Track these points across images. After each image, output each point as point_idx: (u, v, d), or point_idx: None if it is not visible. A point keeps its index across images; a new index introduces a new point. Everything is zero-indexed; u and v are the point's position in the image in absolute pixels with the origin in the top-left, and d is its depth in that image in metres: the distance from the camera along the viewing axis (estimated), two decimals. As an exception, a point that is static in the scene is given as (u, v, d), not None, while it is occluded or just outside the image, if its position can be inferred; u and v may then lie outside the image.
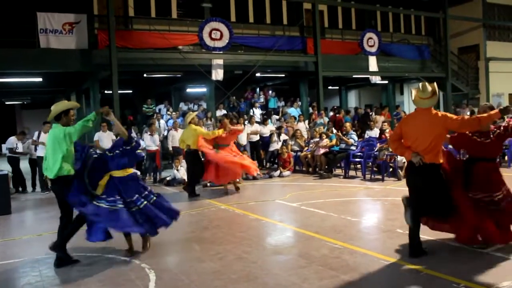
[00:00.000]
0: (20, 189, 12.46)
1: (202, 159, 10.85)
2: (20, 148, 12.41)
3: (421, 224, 5.42)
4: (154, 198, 6.20)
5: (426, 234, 5.77)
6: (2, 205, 9.44)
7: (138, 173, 6.67)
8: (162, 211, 6.14)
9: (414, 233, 5.32)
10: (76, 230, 5.79)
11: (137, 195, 5.99)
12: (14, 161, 12.43)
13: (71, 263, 5.70)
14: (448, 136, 5.61)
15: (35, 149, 12.27)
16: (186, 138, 10.48)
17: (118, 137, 6.25)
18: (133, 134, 12.15)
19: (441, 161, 5.21)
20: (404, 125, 5.42)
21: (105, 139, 12.69)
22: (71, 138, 5.62)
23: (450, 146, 6.13)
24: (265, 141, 15.17)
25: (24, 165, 12.69)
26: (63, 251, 5.71)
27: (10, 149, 12.35)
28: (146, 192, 6.16)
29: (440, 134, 5.12)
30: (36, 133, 12.38)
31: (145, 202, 6.00)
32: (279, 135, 14.80)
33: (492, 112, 5.08)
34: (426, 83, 5.23)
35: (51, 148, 5.64)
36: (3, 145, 12.78)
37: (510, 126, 5.36)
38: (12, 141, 12.42)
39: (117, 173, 5.97)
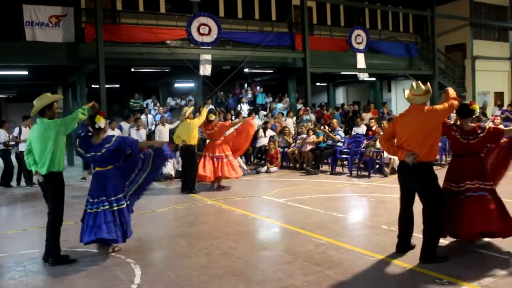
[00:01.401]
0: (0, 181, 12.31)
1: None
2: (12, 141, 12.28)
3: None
4: (119, 206, 5.82)
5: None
6: (-14, 200, 9.34)
7: None
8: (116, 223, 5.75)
9: (404, 232, 5.32)
10: (59, 230, 5.67)
11: (106, 197, 5.76)
12: (7, 154, 12.25)
13: (69, 263, 5.60)
14: None
15: (17, 145, 12.11)
16: (182, 133, 10.34)
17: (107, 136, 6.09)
18: (115, 132, 12.07)
19: (434, 159, 5.18)
20: (397, 124, 5.37)
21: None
22: (67, 129, 5.52)
23: None
24: None
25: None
26: (59, 256, 5.62)
27: (4, 143, 12.18)
28: (119, 196, 5.84)
29: (435, 130, 5.08)
30: (17, 129, 12.17)
31: (106, 207, 5.72)
32: (265, 130, 14.80)
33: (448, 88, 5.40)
34: (420, 82, 5.26)
35: (39, 143, 5.49)
36: None
37: (493, 133, 5.44)
38: (3, 134, 12.24)
39: (98, 168, 5.92)
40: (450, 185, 5.45)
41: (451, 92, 5.29)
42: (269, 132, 14.85)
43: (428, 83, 5.37)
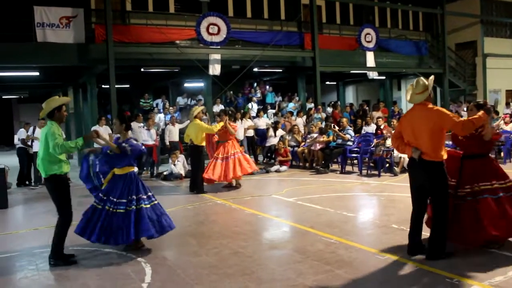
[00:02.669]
0: (17, 182, 12.40)
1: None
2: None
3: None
4: (149, 205, 5.98)
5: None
6: (-1, 199, 9.42)
7: (136, 171, 6.60)
8: (152, 221, 5.92)
9: (415, 231, 5.28)
10: (63, 231, 5.70)
11: (132, 196, 5.86)
12: (23, 153, 12.35)
13: (69, 264, 5.64)
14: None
15: (31, 144, 12.22)
16: (190, 132, 10.34)
17: (116, 137, 6.25)
18: (130, 134, 12.13)
19: (444, 158, 5.12)
20: (403, 122, 5.39)
21: (102, 133, 12.68)
22: (54, 150, 5.51)
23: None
24: (259, 134, 15.19)
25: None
26: (62, 256, 5.66)
27: (23, 140, 12.29)
28: (144, 196, 5.97)
29: (438, 130, 5.03)
30: (31, 129, 12.31)
31: (134, 207, 5.83)
32: (275, 130, 14.79)
33: (480, 113, 5.18)
34: (421, 78, 5.23)
35: (43, 146, 5.59)
36: (15, 136, 12.74)
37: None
38: (23, 133, 12.35)
39: (118, 171, 5.98)
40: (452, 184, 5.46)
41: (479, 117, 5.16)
42: (280, 132, 14.83)
43: (431, 77, 5.29)
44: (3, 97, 26.09)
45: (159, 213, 6.01)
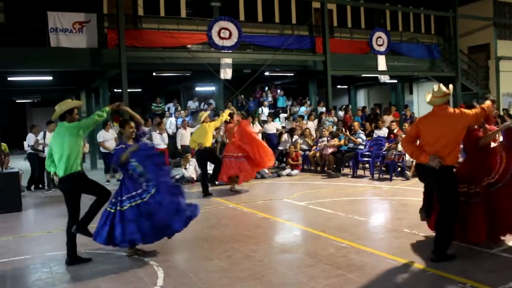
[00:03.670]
0: (26, 185, 12.51)
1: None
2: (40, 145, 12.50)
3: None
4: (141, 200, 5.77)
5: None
6: (13, 203, 9.53)
7: None
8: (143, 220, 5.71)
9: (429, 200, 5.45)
10: (98, 209, 5.82)
11: (127, 195, 5.76)
12: (34, 158, 12.45)
13: (83, 262, 5.75)
14: None
15: (42, 149, 12.31)
16: (197, 137, 10.41)
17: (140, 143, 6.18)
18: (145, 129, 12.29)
19: (456, 162, 5.15)
20: (421, 125, 5.29)
21: (109, 138, 12.80)
22: (84, 132, 5.72)
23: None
24: (269, 138, 15.17)
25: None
26: (86, 229, 5.74)
27: (32, 146, 12.41)
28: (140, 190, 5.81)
29: (459, 132, 5.07)
30: (42, 133, 12.40)
31: (128, 205, 5.70)
32: (292, 136, 14.72)
33: (488, 102, 5.36)
34: (441, 85, 5.22)
35: (58, 146, 5.65)
36: (24, 142, 12.88)
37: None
38: (33, 138, 12.44)
39: None
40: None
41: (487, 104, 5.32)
42: (295, 138, 14.79)
43: (451, 85, 5.31)
44: (17, 101, 26.42)
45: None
